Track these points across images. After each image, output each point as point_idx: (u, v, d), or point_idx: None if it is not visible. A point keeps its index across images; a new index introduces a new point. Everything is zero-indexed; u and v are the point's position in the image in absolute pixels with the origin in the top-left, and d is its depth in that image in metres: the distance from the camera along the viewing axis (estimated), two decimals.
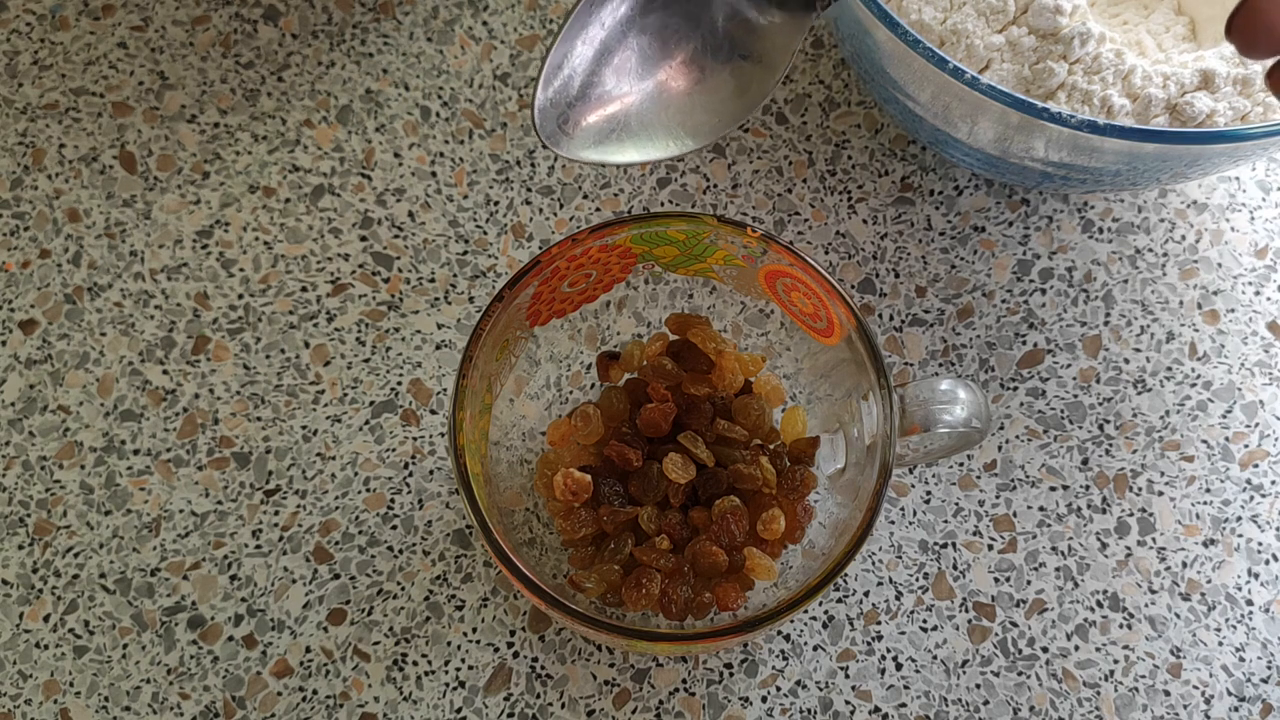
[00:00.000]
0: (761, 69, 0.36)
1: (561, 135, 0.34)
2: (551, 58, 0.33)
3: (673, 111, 0.35)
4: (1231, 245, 0.44)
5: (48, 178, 0.44)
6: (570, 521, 0.37)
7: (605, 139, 0.35)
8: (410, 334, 0.42)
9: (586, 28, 0.34)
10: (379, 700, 0.39)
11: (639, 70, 0.35)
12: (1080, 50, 0.37)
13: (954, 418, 0.35)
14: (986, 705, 0.39)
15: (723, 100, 0.36)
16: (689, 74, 0.35)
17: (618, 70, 0.35)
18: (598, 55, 0.34)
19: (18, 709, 0.39)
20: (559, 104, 0.34)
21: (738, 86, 0.36)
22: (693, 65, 0.35)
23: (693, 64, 0.35)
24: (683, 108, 0.35)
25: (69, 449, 0.41)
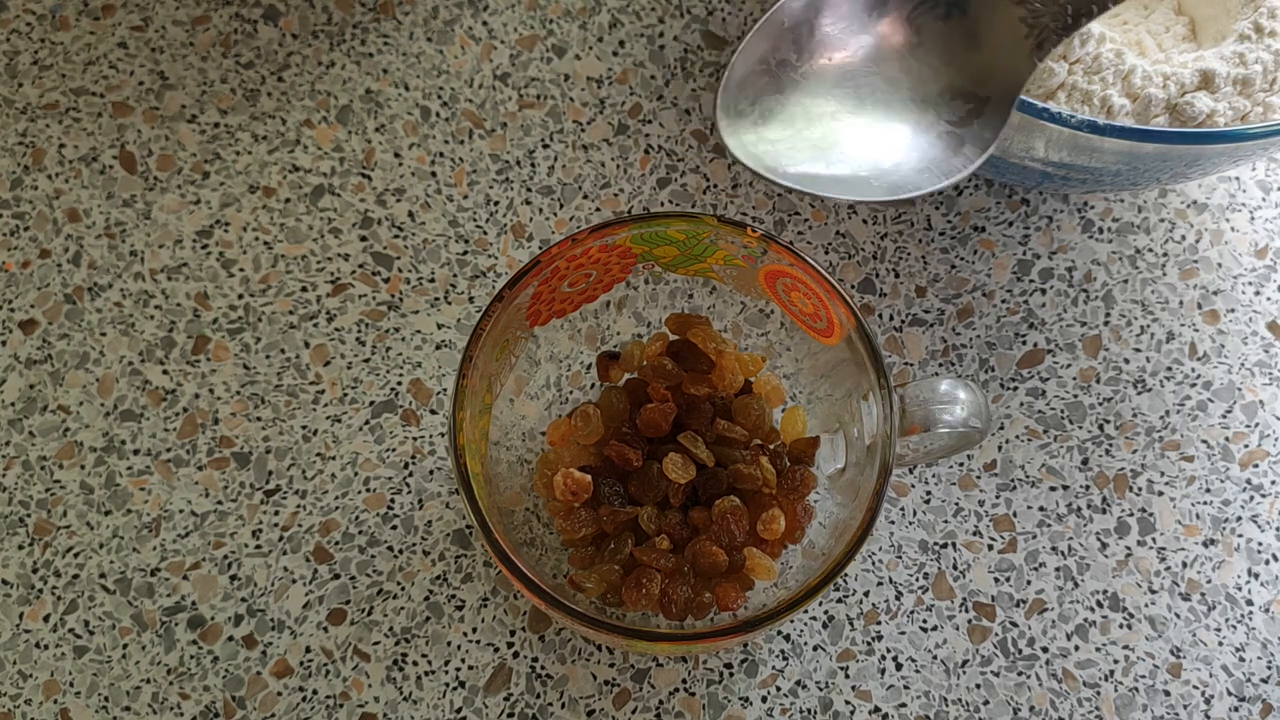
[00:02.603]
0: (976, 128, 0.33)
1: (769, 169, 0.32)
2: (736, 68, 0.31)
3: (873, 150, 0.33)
4: (1231, 245, 0.44)
5: (48, 178, 0.44)
6: (570, 521, 0.37)
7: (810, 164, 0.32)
8: (410, 334, 0.42)
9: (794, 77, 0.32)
10: (379, 700, 0.39)
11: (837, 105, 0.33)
12: (1080, 50, 0.37)
13: (954, 418, 0.35)
14: (986, 705, 0.39)
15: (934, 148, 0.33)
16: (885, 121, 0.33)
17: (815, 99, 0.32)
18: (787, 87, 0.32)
19: (18, 709, 0.39)
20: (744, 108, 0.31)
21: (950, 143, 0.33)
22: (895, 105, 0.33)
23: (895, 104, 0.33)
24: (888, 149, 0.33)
25: (69, 449, 0.41)
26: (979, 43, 0.34)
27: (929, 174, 0.33)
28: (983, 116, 0.33)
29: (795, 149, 0.33)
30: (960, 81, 0.34)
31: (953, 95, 0.34)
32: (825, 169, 0.32)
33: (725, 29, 0.46)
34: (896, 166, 0.33)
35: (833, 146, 0.33)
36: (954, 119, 0.33)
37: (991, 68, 0.33)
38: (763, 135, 0.32)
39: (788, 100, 0.33)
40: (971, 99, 0.33)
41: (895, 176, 0.33)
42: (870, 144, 0.33)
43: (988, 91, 0.33)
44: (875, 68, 0.33)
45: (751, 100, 0.32)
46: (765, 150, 0.32)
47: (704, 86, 0.45)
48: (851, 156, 0.33)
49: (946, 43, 0.34)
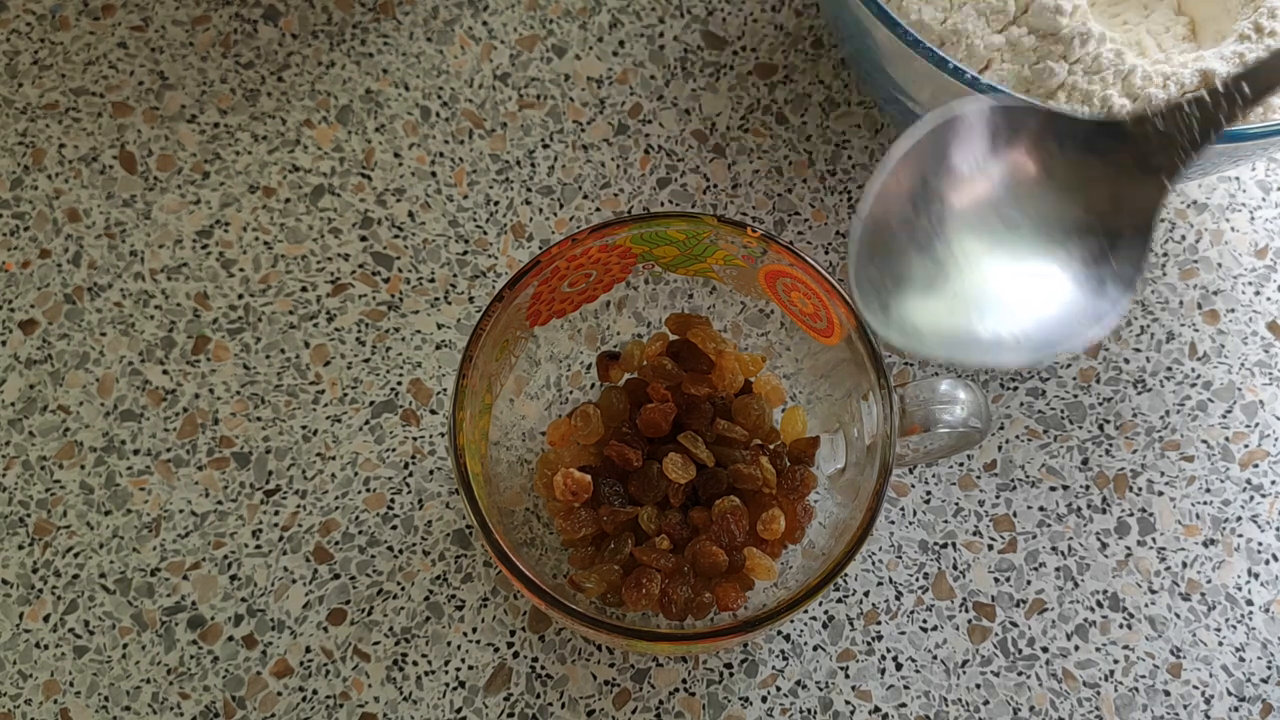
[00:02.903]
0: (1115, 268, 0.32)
1: (907, 339, 0.30)
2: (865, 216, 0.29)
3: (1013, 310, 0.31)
4: (1231, 245, 0.44)
5: (48, 178, 0.44)
6: (570, 521, 0.37)
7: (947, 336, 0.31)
8: (410, 334, 0.42)
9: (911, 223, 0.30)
10: (379, 700, 0.39)
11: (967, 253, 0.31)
12: (1080, 50, 0.37)
13: (954, 418, 0.35)
14: (986, 705, 0.39)
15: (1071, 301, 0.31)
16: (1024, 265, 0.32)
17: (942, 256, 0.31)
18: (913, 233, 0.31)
19: (18, 709, 0.39)
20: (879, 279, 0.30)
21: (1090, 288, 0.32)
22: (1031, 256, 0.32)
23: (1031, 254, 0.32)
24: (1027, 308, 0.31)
25: (69, 449, 0.41)
26: (1110, 168, 0.33)
27: (1077, 323, 0.31)
28: (1118, 250, 0.32)
29: (936, 315, 0.31)
30: (1093, 212, 0.32)
31: (1086, 229, 0.32)
32: (968, 330, 0.31)
33: (725, 29, 0.46)
34: (1041, 318, 0.32)
35: (972, 304, 0.31)
36: (1089, 256, 0.32)
37: (1122, 195, 0.32)
38: (902, 304, 0.31)
39: (922, 259, 0.31)
40: (1105, 232, 0.32)
41: (1043, 331, 0.31)
42: (1010, 296, 0.32)
43: (1120, 223, 0.32)
44: (1007, 207, 0.32)
45: (882, 266, 0.31)
46: (907, 321, 0.31)
47: (704, 86, 0.45)
48: (994, 312, 0.32)
49: (1077, 170, 0.33)
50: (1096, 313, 0.31)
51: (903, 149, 0.30)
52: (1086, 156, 0.32)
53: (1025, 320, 0.31)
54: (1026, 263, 0.32)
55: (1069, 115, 0.32)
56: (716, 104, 0.45)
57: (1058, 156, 0.32)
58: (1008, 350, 0.31)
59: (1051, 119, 0.32)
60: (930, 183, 0.31)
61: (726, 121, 0.45)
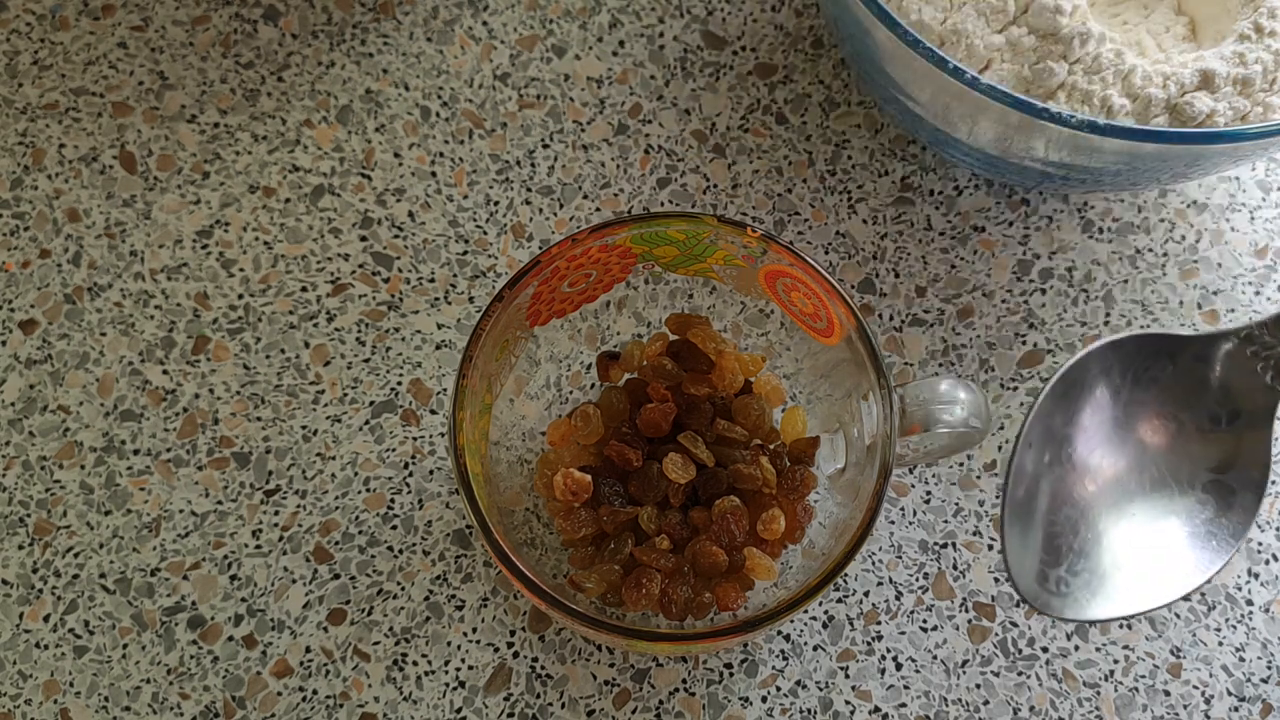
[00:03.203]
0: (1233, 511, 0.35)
1: (1050, 596, 0.33)
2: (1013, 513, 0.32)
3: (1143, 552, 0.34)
4: (1231, 245, 0.44)
5: (48, 178, 0.44)
6: (570, 521, 0.37)
7: (1092, 590, 0.33)
8: (410, 334, 0.42)
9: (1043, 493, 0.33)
10: (379, 700, 0.39)
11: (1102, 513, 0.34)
12: (1080, 50, 0.37)
13: (954, 418, 0.35)
14: (986, 705, 0.39)
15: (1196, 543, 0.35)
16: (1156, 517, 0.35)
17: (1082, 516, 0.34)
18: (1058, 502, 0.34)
19: (18, 709, 0.39)
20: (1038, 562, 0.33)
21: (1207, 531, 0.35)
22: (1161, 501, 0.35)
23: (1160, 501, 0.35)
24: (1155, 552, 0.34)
25: (69, 449, 0.41)
26: (1227, 425, 0.35)
27: (1184, 572, 0.34)
28: (1232, 509, 0.34)
29: (1089, 588, 0.34)
30: (1211, 468, 0.35)
31: (1204, 486, 0.35)
32: (1113, 594, 0.34)
33: (725, 29, 0.46)
34: (1163, 571, 0.34)
35: (1112, 571, 0.34)
36: (1208, 515, 0.35)
37: (1241, 450, 0.35)
38: (1064, 591, 0.34)
39: (1072, 545, 0.34)
40: (1221, 487, 0.35)
41: (1166, 584, 0.34)
42: (1145, 554, 0.34)
43: (1235, 479, 0.35)
44: (1134, 477, 0.35)
45: (1042, 561, 0.33)
46: (1070, 602, 0.34)
47: (704, 86, 0.45)
48: (1131, 573, 0.34)
49: (1200, 430, 0.35)
50: (1200, 562, 0.34)
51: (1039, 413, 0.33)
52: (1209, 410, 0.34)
53: (1146, 579, 0.34)
54: (1151, 526, 0.34)
55: (1177, 336, 0.35)
56: (716, 104, 0.45)
57: (1184, 417, 0.34)
58: (1140, 600, 0.34)
59: (1158, 342, 0.34)
60: (1063, 453, 0.34)
61: (726, 121, 0.45)
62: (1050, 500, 0.34)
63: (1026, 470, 0.34)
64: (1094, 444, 0.34)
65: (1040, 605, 0.33)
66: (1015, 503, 0.33)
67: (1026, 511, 0.34)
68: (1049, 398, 0.34)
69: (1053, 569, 0.33)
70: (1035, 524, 0.34)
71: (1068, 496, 0.34)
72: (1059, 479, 0.34)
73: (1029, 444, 0.34)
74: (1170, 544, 0.34)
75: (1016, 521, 0.33)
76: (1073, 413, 0.34)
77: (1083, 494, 0.34)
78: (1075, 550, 0.34)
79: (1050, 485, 0.34)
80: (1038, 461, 0.34)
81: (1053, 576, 0.33)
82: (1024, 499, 0.34)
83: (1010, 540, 0.33)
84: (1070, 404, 0.34)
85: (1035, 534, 0.34)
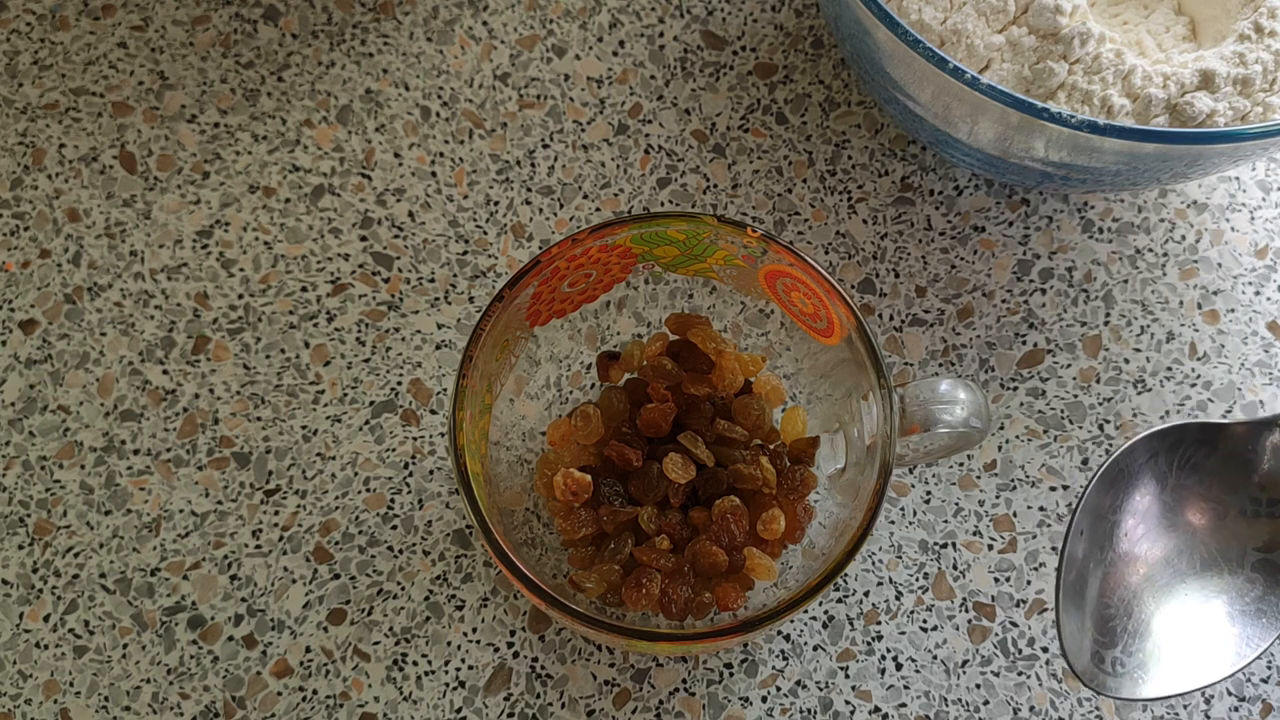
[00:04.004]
0: None
1: (1106, 677, 0.34)
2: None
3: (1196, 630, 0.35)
4: (1231, 245, 0.44)
5: (48, 178, 0.44)
6: (570, 521, 0.37)
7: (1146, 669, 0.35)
8: (410, 334, 0.42)
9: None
10: (379, 700, 0.39)
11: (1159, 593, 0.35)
12: (1080, 50, 0.37)
13: (954, 418, 0.35)
14: (986, 705, 0.39)
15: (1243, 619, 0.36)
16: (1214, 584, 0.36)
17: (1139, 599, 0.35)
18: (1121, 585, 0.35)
19: (18, 709, 0.39)
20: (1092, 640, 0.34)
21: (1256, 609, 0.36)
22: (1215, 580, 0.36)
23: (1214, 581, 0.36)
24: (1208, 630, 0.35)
25: (69, 449, 0.41)
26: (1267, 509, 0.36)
27: (1244, 649, 0.35)
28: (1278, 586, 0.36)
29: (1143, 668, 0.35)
30: (1258, 547, 0.36)
31: (1253, 565, 0.36)
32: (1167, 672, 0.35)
33: (725, 29, 0.46)
34: (1215, 648, 0.36)
35: (1165, 650, 0.35)
36: (1257, 592, 0.36)
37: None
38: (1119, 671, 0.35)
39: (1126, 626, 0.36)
40: (1269, 566, 0.36)
41: (1218, 660, 0.35)
42: (1198, 633, 0.36)
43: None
44: (1184, 559, 0.36)
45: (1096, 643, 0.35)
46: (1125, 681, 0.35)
47: (704, 86, 0.45)
48: (1185, 651, 0.36)
49: (1244, 513, 0.36)
50: (1252, 638, 0.35)
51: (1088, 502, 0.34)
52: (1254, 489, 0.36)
53: (1199, 657, 0.35)
54: (1202, 606, 0.36)
55: (1219, 424, 0.36)
56: (716, 104, 0.45)
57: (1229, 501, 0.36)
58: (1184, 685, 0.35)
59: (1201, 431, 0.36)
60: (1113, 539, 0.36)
61: (726, 121, 0.45)
62: (1102, 584, 0.35)
63: (1078, 557, 0.35)
64: (1143, 529, 0.36)
65: (1097, 686, 0.34)
66: (1068, 587, 0.35)
67: (1079, 595, 0.35)
68: (1098, 485, 0.35)
69: (1108, 650, 0.35)
70: (1088, 608, 0.35)
71: (1120, 581, 0.36)
72: (1110, 564, 0.35)
73: (1080, 531, 0.35)
74: (1221, 622, 0.36)
75: (1071, 606, 0.35)
76: (1121, 499, 0.36)
77: (1134, 578, 0.36)
78: (1130, 632, 0.35)
79: (1102, 570, 0.35)
80: (1089, 548, 0.35)
81: (1109, 658, 0.35)
82: (1076, 583, 0.35)
83: (1066, 624, 0.34)
84: (1118, 491, 0.36)
85: (1088, 617, 0.35)
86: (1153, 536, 0.36)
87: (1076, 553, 0.35)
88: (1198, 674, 0.35)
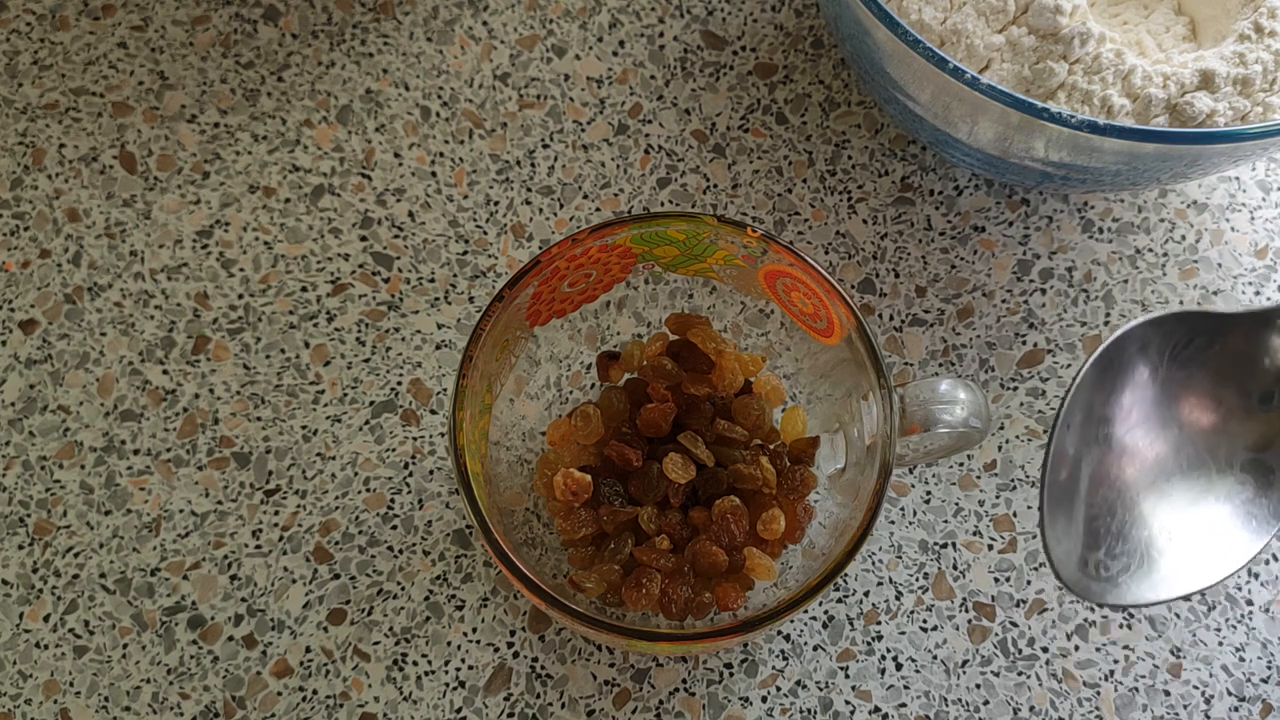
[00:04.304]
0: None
1: (1090, 581, 0.32)
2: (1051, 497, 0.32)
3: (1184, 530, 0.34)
4: (1231, 245, 0.44)
5: (48, 178, 0.44)
6: (570, 521, 0.37)
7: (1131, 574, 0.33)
8: (410, 334, 0.42)
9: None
10: (379, 700, 0.39)
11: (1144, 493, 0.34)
12: (1080, 50, 0.37)
13: (954, 418, 0.35)
14: (986, 705, 0.39)
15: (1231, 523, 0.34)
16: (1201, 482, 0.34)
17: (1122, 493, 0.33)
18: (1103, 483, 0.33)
19: (18, 709, 0.39)
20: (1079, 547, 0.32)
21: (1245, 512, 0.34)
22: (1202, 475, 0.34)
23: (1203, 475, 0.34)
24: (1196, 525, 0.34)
25: (69, 449, 0.41)
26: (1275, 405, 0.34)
27: (1232, 554, 0.34)
28: (1273, 489, 0.34)
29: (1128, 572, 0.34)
30: (1249, 446, 0.34)
31: (1243, 466, 0.34)
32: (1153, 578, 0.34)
33: (725, 29, 0.46)
34: (1203, 554, 0.34)
35: (1151, 555, 0.34)
36: (1248, 495, 0.34)
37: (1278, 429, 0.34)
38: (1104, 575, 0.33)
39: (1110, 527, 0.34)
40: (1260, 467, 0.34)
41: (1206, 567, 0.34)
42: (1184, 537, 0.34)
43: (1275, 458, 0.34)
44: (1172, 457, 0.34)
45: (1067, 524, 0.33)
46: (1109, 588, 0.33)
47: (704, 86, 0.45)
48: (1171, 556, 0.34)
49: (1243, 409, 0.34)
50: (1240, 543, 0.34)
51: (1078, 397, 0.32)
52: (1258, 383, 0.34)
53: (1185, 562, 0.33)
54: (1190, 508, 0.34)
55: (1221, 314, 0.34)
56: (716, 104, 0.45)
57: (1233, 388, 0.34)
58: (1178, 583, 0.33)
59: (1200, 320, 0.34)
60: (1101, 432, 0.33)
61: (726, 121, 0.45)
62: (1089, 482, 0.33)
63: (1067, 453, 0.33)
64: (1132, 423, 0.34)
65: (1081, 591, 0.32)
66: (1055, 487, 0.32)
67: (1067, 497, 0.33)
68: (1089, 375, 0.33)
69: (1092, 553, 0.33)
70: (1076, 508, 0.33)
71: (1105, 477, 0.33)
72: (1098, 460, 0.33)
73: (1067, 425, 0.33)
74: (1209, 525, 0.34)
75: (1056, 508, 0.32)
76: (1111, 393, 0.34)
77: (1120, 475, 0.33)
78: (1113, 533, 0.33)
79: (1089, 467, 0.33)
80: (1079, 445, 0.33)
81: (1092, 561, 0.33)
82: (1065, 482, 0.33)
83: (1051, 527, 0.32)
84: (1108, 383, 0.34)
85: (1076, 518, 0.33)
86: (1142, 432, 0.33)
87: (1065, 448, 0.32)
88: (1184, 581, 0.33)
